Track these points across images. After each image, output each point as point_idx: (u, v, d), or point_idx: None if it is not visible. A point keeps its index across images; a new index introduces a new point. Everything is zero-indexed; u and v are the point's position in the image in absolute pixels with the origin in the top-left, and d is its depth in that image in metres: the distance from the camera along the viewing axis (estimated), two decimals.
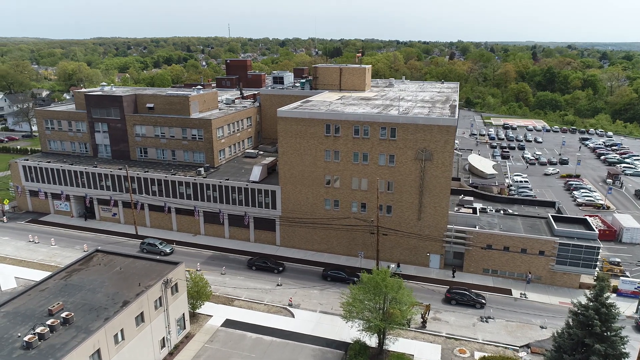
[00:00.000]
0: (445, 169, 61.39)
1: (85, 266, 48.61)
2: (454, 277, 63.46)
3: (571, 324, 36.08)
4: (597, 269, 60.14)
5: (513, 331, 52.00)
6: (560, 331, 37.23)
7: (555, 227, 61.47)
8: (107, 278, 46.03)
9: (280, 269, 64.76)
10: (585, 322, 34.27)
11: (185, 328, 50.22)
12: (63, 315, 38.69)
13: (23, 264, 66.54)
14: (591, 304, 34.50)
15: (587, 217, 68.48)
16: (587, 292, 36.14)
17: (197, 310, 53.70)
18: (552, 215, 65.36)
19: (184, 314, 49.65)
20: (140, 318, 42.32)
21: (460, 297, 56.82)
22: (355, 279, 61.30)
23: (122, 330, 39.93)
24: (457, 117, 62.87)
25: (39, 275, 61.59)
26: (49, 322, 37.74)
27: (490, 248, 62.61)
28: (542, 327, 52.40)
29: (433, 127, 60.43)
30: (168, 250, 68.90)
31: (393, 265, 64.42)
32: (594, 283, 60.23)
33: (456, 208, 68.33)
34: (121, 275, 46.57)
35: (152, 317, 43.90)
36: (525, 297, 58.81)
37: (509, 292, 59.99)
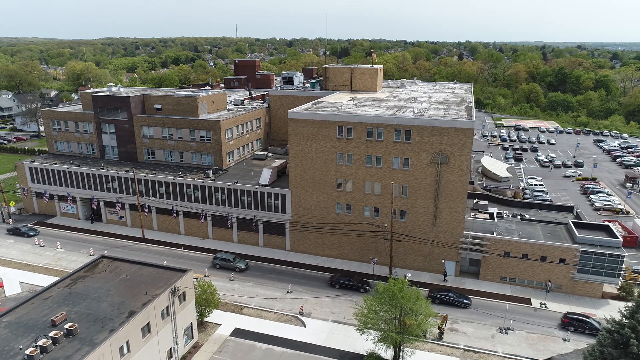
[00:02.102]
0: (462, 173, 59.18)
1: (91, 273, 47.02)
2: (446, 280, 61.96)
3: (603, 342, 33.81)
4: (620, 278, 57.68)
5: (534, 344, 49.69)
6: (590, 349, 35.00)
7: (577, 234, 59.09)
8: (113, 286, 44.41)
9: (367, 287, 59.39)
10: (620, 340, 32.00)
11: (193, 338, 48.45)
12: (67, 326, 37.08)
13: (28, 268, 65.19)
14: (626, 321, 32.22)
15: (607, 223, 65.96)
16: (622, 308, 33.74)
17: (205, 319, 51.97)
18: (572, 222, 62.98)
19: (191, 323, 47.88)
20: (146, 329, 40.62)
21: (580, 325, 51.74)
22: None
23: (127, 342, 38.24)
24: (474, 119, 60.68)
25: (44, 279, 60.36)
26: (51, 334, 36.16)
27: (508, 255, 60.33)
28: (565, 340, 50.04)
29: (450, 130, 58.26)
30: (243, 267, 65.12)
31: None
32: (618, 293, 58.55)
33: (472, 213, 66.14)
34: (127, 283, 44.92)
35: (159, 327, 42.18)
36: (545, 307, 56.44)
37: (528, 301, 57.68)
